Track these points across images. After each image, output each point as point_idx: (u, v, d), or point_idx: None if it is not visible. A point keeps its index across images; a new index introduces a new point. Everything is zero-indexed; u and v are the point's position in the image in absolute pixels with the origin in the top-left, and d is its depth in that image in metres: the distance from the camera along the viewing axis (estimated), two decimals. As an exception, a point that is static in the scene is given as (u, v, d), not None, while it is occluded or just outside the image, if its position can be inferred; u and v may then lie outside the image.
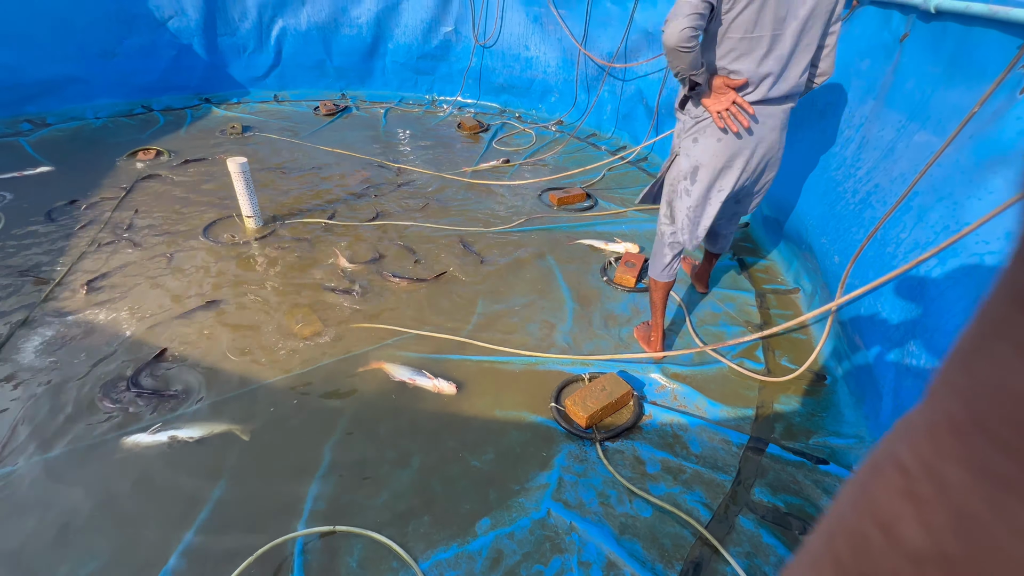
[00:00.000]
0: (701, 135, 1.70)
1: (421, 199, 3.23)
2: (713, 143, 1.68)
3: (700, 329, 2.20)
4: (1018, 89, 1.42)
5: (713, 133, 1.67)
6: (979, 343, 0.14)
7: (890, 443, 0.17)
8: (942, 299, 1.46)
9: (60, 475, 1.50)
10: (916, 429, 0.16)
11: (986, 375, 0.14)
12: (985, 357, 0.14)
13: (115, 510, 1.42)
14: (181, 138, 4.03)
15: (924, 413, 0.16)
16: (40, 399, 1.73)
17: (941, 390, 0.16)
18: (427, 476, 1.55)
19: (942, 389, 0.16)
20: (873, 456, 0.18)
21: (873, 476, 0.17)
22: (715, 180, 1.73)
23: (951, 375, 0.15)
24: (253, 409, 1.74)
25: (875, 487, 0.17)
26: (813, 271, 2.32)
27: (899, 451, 0.17)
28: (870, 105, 2.14)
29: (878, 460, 0.18)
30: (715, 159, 1.69)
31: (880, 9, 2.19)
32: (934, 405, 0.16)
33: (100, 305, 2.17)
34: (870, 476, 0.18)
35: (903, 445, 0.16)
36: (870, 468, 0.18)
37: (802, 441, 1.71)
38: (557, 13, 4.60)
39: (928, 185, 1.66)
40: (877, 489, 0.17)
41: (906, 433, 0.17)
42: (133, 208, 2.93)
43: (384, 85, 5.45)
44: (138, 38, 4.47)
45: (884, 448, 0.18)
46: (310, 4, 4.97)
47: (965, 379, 0.15)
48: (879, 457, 0.18)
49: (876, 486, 0.17)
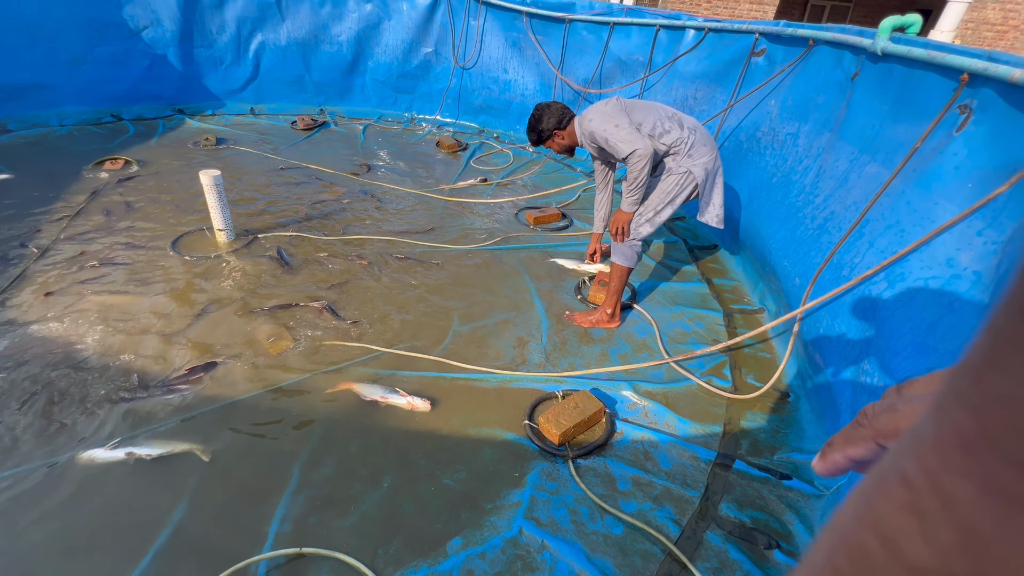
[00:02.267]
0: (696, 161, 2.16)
1: (398, 215, 3.24)
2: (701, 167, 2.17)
3: (671, 348, 2.25)
4: (954, 128, 1.54)
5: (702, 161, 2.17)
6: (989, 355, 0.14)
7: (896, 456, 0.17)
8: (892, 320, 1.55)
9: (3, 494, 1.42)
10: (923, 442, 0.16)
11: (996, 388, 0.13)
12: (995, 370, 0.14)
13: (66, 534, 1.35)
14: (151, 148, 3.94)
15: (931, 426, 0.16)
16: (-13, 418, 1.64)
17: (949, 402, 0.15)
18: (398, 495, 1.53)
19: (950, 401, 0.15)
20: (878, 469, 0.18)
21: (877, 489, 0.17)
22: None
23: (960, 387, 0.15)
24: (218, 428, 1.69)
25: (879, 501, 0.16)
26: (777, 292, 2.42)
27: (905, 464, 0.16)
28: (826, 137, 2.29)
29: (883, 473, 0.17)
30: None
31: (833, 49, 2.35)
32: (942, 418, 0.15)
33: (56, 318, 2.09)
34: (874, 489, 0.17)
35: (909, 458, 0.16)
36: (874, 481, 0.17)
37: (767, 457, 1.76)
38: (535, 39, 4.75)
39: (878, 213, 1.77)
40: (881, 503, 0.16)
41: (912, 446, 0.16)
42: (96, 218, 2.85)
43: (364, 102, 5.48)
44: (110, 46, 4.39)
45: (889, 461, 0.17)
46: (290, 20, 5.00)
47: (974, 392, 0.14)
48: (884, 470, 0.17)
49: (880, 500, 0.16)
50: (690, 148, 2.14)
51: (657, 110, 2.19)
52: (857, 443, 0.30)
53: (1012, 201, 1.32)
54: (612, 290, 2.29)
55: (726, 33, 3.27)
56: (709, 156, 2.16)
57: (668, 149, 2.16)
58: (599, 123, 2.12)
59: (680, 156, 2.15)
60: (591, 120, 2.16)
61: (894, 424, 0.28)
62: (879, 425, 0.29)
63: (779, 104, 2.73)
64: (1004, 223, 1.32)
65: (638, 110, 2.18)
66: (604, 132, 2.10)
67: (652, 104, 2.24)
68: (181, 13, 4.58)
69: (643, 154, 2.03)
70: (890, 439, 0.28)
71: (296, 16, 4.99)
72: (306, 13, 5.01)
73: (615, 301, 2.30)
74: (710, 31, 3.40)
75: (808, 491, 1.63)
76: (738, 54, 3.15)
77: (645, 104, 2.23)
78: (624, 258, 2.24)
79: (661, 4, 11.81)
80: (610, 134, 2.08)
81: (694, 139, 2.14)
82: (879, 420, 0.29)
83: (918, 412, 0.27)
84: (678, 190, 2.15)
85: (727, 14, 12.82)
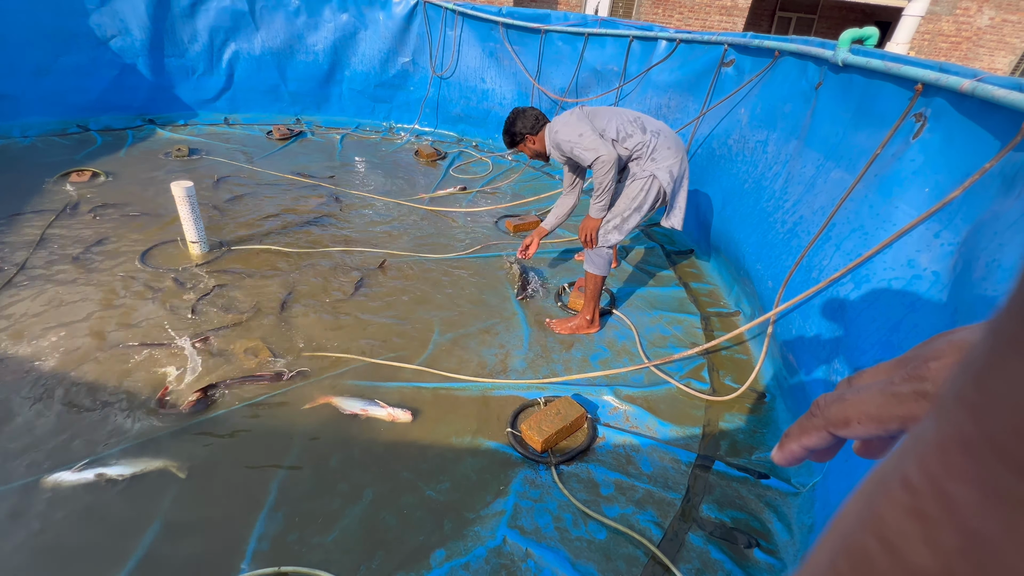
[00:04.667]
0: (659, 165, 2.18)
1: (376, 225, 3.22)
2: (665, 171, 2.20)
3: (650, 352, 2.29)
4: (911, 135, 1.62)
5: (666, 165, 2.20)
6: (991, 358, 0.14)
7: (897, 459, 0.17)
8: (859, 319, 1.61)
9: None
10: (925, 445, 0.16)
11: (999, 391, 0.13)
12: (998, 373, 0.13)
13: (32, 562, 1.29)
14: (120, 160, 3.84)
15: (933, 429, 0.15)
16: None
17: (951, 405, 0.15)
18: (380, 509, 1.51)
19: (952, 404, 0.15)
20: (879, 472, 0.18)
21: (878, 493, 0.17)
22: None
23: (962, 390, 0.15)
24: (192, 444, 1.64)
25: (880, 504, 0.16)
26: (751, 295, 2.48)
27: (906, 468, 0.16)
28: (793, 144, 2.37)
29: (884, 476, 0.17)
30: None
31: (797, 60, 2.44)
32: (943, 420, 0.15)
33: (20, 335, 2.01)
34: (875, 492, 0.17)
35: (910, 462, 0.16)
36: (876, 484, 0.17)
37: (745, 457, 1.79)
38: (512, 49, 4.80)
39: (844, 217, 1.84)
40: (882, 507, 0.16)
41: (914, 449, 0.16)
42: (61, 231, 2.75)
43: (341, 111, 5.45)
44: (76, 56, 4.28)
45: (891, 464, 0.17)
46: (265, 29, 4.95)
47: (977, 395, 0.14)
48: (885, 473, 0.17)
49: (881, 503, 0.16)
50: (652, 151, 2.15)
51: (620, 115, 2.22)
52: (811, 432, 0.31)
53: (966, 205, 1.38)
54: (589, 297, 2.32)
55: (696, 44, 3.37)
56: (674, 159, 2.17)
57: (631, 153, 2.18)
58: (564, 134, 2.16)
59: (643, 160, 2.17)
60: (557, 131, 2.20)
61: (843, 413, 0.29)
62: (830, 414, 0.30)
63: (749, 113, 2.82)
64: (959, 226, 1.39)
65: (600, 116, 2.21)
66: (568, 142, 2.14)
67: (616, 109, 2.26)
68: (151, 22, 4.49)
69: (606, 160, 2.06)
70: (840, 428, 0.30)
71: (271, 26, 4.95)
72: (281, 23, 4.97)
73: (593, 308, 2.33)
74: (681, 42, 3.49)
75: (785, 489, 1.66)
76: (708, 64, 3.24)
77: (608, 110, 2.26)
78: (595, 267, 2.26)
79: (635, 15, 12.08)
80: (574, 143, 2.12)
81: (656, 142, 2.16)
82: (830, 410, 0.30)
83: (864, 401, 0.29)
84: (643, 196, 2.17)
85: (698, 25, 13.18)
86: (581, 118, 2.19)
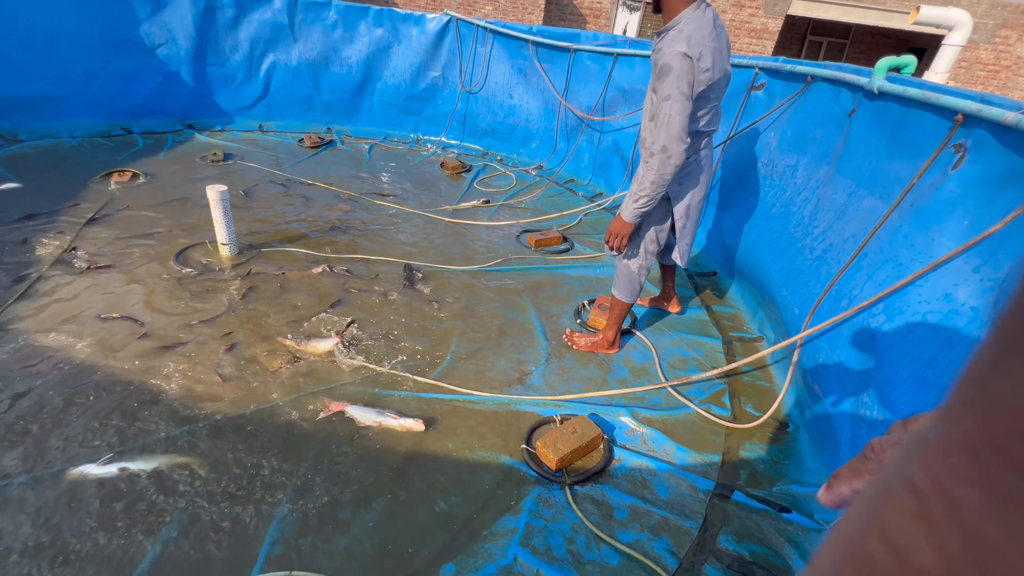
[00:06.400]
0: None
1: (399, 235, 3.26)
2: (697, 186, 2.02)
3: (669, 374, 2.25)
4: (950, 166, 1.58)
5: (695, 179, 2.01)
6: (995, 360, 0.14)
7: (901, 462, 0.17)
8: (891, 352, 1.56)
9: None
10: (928, 448, 0.16)
11: (1002, 394, 0.13)
12: (1001, 375, 0.14)
13: (50, 552, 1.32)
14: (159, 162, 4.00)
15: (937, 431, 0.16)
16: (-21, 427, 1.62)
17: (955, 408, 0.15)
18: (391, 519, 1.50)
19: (956, 407, 0.15)
20: (883, 476, 0.18)
21: (883, 495, 0.17)
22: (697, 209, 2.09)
23: (966, 392, 0.15)
24: (212, 443, 1.67)
25: (885, 507, 0.16)
26: (776, 321, 2.43)
27: (910, 470, 0.16)
28: (824, 170, 2.33)
29: (888, 479, 0.17)
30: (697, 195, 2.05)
31: (830, 86, 2.41)
32: (948, 423, 0.15)
33: (57, 329, 2.08)
34: (880, 495, 0.17)
35: (915, 464, 0.16)
36: (880, 487, 0.17)
37: (766, 488, 1.74)
38: (540, 67, 4.87)
39: (877, 247, 1.79)
40: (887, 509, 0.16)
41: (918, 452, 0.16)
42: (101, 229, 2.87)
43: (370, 122, 5.58)
44: (125, 62, 4.49)
45: (895, 467, 0.17)
46: (303, 41, 5.13)
47: (980, 397, 0.14)
48: (889, 476, 0.17)
49: (886, 506, 0.16)
50: (688, 167, 1.89)
51: (727, 78, 1.79)
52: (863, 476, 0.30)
53: (1008, 240, 1.34)
54: (612, 320, 2.26)
55: (726, 67, 3.36)
56: (697, 189, 1.98)
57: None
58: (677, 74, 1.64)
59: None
60: (682, 54, 1.63)
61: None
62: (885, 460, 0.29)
63: (778, 136, 2.79)
64: (1000, 261, 1.34)
65: (723, 79, 1.76)
66: (666, 87, 1.67)
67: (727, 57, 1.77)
68: (196, 32, 4.70)
69: (675, 161, 1.70)
70: None
71: (308, 38, 5.13)
72: (318, 35, 5.14)
73: (615, 331, 2.28)
74: (711, 64, 3.49)
75: (808, 525, 1.60)
76: (738, 87, 3.23)
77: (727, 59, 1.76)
78: (622, 293, 2.16)
79: (663, 36, 12.12)
80: (665, 95, 1.66)
81: (697, 159, 1.92)
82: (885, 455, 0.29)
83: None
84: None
85: (727, 47, 13.18)
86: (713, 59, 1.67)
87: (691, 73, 1.63)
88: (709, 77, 1.70)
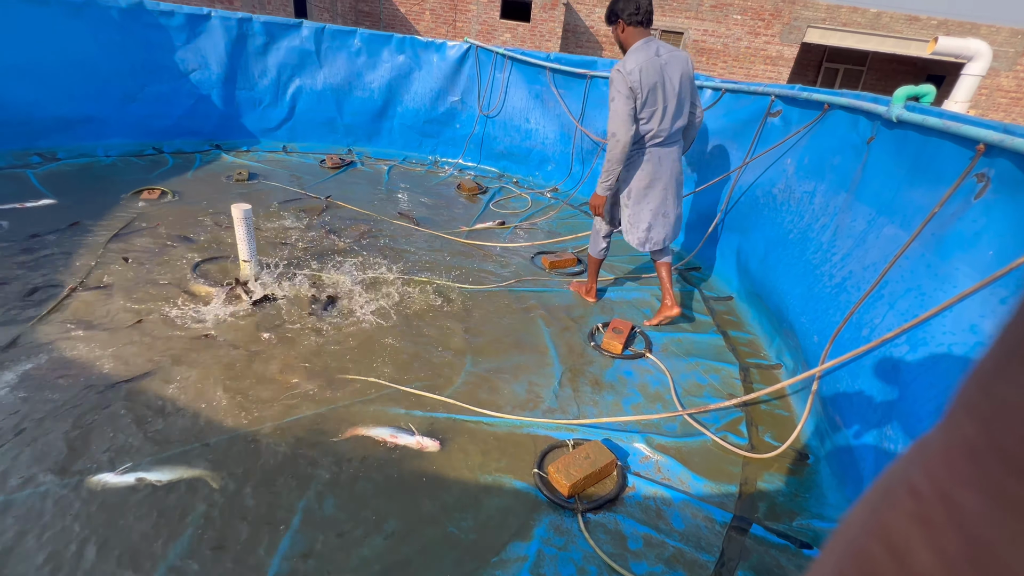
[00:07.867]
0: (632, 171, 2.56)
1: (415, 254, 3.31)
2: (639, 174, 2.54)
3: (685, 400, 2.21)
4: (972, 195, 1.56)
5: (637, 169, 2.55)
6: (999, 366, 0.14)
7: (903, 466, 0.17)
8: (915, 384, 1.52)
9: (9, 513, 1.42)
10: (931, 452, 0.16)
11: (1004, 399, 0.14)
12: (1005, 380, 0.14)
13: (64, 562, 1.33)
14: (187, 180, 4.14)
15: (939, 436, 0.16)
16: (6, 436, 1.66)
17: (958, 412, 0.15)
18: (402, 541, 1.49)
19: (959, 411, 0.15)
20: (885, 480, 0.18)
21: (885, 499, 0.17)
22: (643, 196, 2.58)
23: (969, 397, 0.15)
24: (228, 457, 1.68)
25: (886, 511, 0.16)
26: (794, 348, 2.38)
27: (912, 474, 0.16)
28: (843, 197, 2.31)
29: (890, 483, 0.17)
30: (639, 183, 2.55)
31: (848, 113, 2.42)
32: (950, 428, 0.15)
33: (85, 340, 2.14)
34: (881, 499, 0.17)
35: (916, 468, 0.16)
36: (882, 491, 0.17)
37: (786, 522, 1.68)
38: (557, 92, 4.97)
39: (898, 275, 1.76)
40: (888, 512, 0.16)
41: (920, 456, 0.16)
42: (129, 244, 2.96)
43: (390, 144, 5.73)
44: (160, 86, 4.71)
45: (897, 471, 0.17)
46: (328, 67, 5.32)
47: (983, 402, 0.14)
48: (891, 480, 0.17)
49: (887, 509, 0.16)
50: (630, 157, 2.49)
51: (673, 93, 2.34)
52: None
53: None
54: (589, 273, 2.94)
55: (743, 94, 3.39)
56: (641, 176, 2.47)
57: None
58: (615, 83, 2.29)
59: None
60: (618, 70, 2.29)
61: None
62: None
63: (795, 163, 2.79)
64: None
65: (660, 91, 2.32)
66: (611, 92, 2.32)
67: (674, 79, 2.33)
68: (228, 58, 4.92)
69: (622, 142, 2.31)
70: None
71: (333, 64, 5.32)
72: (343, 61, 5.34)
73: (592, 282, 2.94)
74: (727, 91, 3.53)
75: (830, 563, 1.54)
76: (754, 114, 3.25)
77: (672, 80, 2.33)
78: (590, 248, 2.88)
79: (678, 63, 12.29)
80: (611, 99, 2.32)
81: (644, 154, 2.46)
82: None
83: None
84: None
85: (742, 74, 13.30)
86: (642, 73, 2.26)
87: (623, 80, 2.26)
88: (637, 82, 2.26)
